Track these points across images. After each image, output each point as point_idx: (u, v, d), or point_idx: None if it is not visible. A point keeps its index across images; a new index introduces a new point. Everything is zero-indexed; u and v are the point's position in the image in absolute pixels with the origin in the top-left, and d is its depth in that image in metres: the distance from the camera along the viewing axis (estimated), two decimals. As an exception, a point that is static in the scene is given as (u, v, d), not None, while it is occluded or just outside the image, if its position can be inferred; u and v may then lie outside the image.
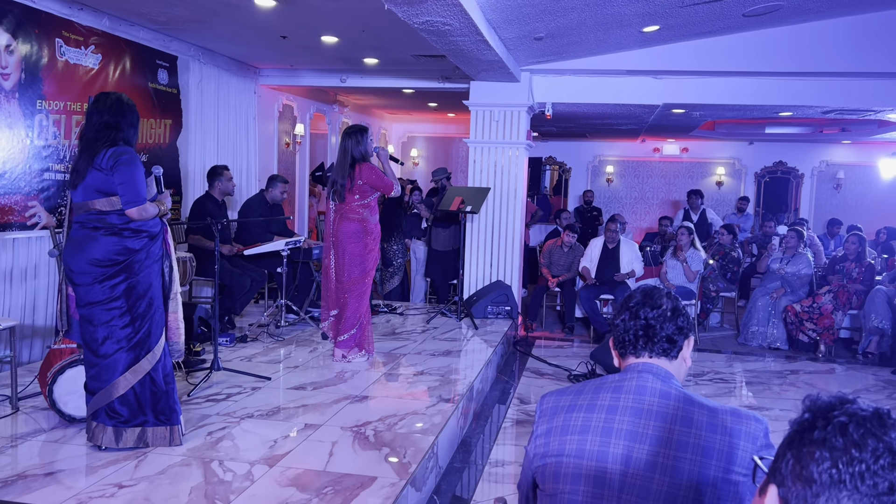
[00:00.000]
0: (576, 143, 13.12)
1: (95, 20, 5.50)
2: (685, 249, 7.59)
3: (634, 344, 1.67)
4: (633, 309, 1.69)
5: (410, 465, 3.29)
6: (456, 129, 12.80)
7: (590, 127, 10.78)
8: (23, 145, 4.92)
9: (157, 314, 3.26)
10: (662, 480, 1.51)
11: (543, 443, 1.66)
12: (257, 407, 4.07)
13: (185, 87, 6.72)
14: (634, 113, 8.45)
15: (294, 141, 9.41)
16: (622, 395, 1.62)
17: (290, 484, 3.04)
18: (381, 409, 4.12)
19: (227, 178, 6.13)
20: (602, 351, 5.81)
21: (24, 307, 4.97)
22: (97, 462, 3.19)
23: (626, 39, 6.50)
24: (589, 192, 12.00)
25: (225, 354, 5.07)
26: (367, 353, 5.16)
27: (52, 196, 5.19)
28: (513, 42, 6.11)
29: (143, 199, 3.16)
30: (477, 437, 4.54)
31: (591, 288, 7.53)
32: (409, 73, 7.97)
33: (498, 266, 7.62)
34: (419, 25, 4.92)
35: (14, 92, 4.83)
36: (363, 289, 5.05)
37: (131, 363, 3.20)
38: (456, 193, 7.08)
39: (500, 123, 7.45)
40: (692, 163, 12.98)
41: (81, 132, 3.23)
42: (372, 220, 5.04)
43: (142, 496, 2.86)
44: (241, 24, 5.82)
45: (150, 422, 3.29)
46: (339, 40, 6.38)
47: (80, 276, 3.13)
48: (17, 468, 3.12)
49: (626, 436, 1.56)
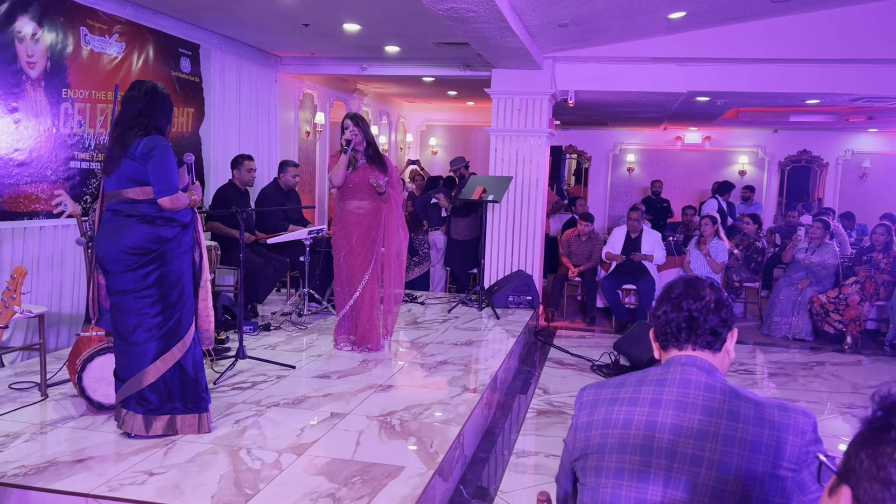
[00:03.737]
0: (596, 132, 13.01)
1: (119, 8, 5.50)
2: (709, 240, 7.50)
3: (677, 336, 1.64)
4: (675, 300, 1.65)
5: (438, 455, 3.28)
6: (475, 117, 12.73)
7: (611, 115, 10.68)
8: (49, 134, 4.95)
9: (188, 303, 3.27)
10: (709, 475, 1.48)
11: (584, 436, 1.63)
12: (283, 395, 4.07)
13: (207, 76, 6.72)
14: (658, 101, 8.35)
15: (314, 130, 9.40)
16: (665, 389, 1.58)
17: (319, 473, 3.04)
18: (406, 399, 4.11)
19: (247, 169, 6.14)
20: (626, 341, 5.76)
21: (51, 294, 5.02)
22: (127, 449, 3.20)
23: (651, 26, 6.42)
24: (658, 183, 11.48)
25: (248, 342, 5.08)
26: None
27: (78, 184, 5.22)
28: (536, 29, 6.05)
29: (176, 188, 3.17)
30: (500, 426, 4.53)
31: (613, 277, 7.47)
32: (431, 60, 7.93)
33: (519, 255, 7.58)
34: (443, 12, 4.88)
35: (40, 80, 4.85)
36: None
37: (161, 351, 3.21)
38: (478, 182, 7.04)
39: (522, 111, 7.39)
40: (715, 151, 12.84)
41: (116, 120, 3.24)
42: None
43: (172, 483, 2.87)
44: (264, 11, 5.80)
45: (179, 409, 3.30)
46: (361, 28, 6.35)
47: (112, 263, 3.14)
48: (47, 455, 3.15)
49: (671, 430, 1.53)
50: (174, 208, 3.18)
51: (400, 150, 12.42)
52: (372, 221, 5.02)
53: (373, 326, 5.09)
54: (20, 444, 3.26)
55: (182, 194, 3.20)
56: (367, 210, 5.01)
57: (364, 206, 5.02)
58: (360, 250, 5.02)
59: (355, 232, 5.02)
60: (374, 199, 5.01)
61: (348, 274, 5.07)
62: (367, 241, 5.02)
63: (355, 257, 5.03)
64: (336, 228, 5.12)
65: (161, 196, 3.13)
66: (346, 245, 5.05)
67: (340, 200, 5.07)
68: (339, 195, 5.08)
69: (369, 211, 5.02)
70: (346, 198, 5.04)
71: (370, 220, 5.02)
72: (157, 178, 3.12)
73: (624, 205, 13.00)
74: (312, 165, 9.47)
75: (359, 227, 5.01)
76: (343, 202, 5.05)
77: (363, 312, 5.07)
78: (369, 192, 5.00)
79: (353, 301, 5.07)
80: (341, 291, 5.14)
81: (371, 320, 5.09)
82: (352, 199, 5.03)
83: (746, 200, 11.46)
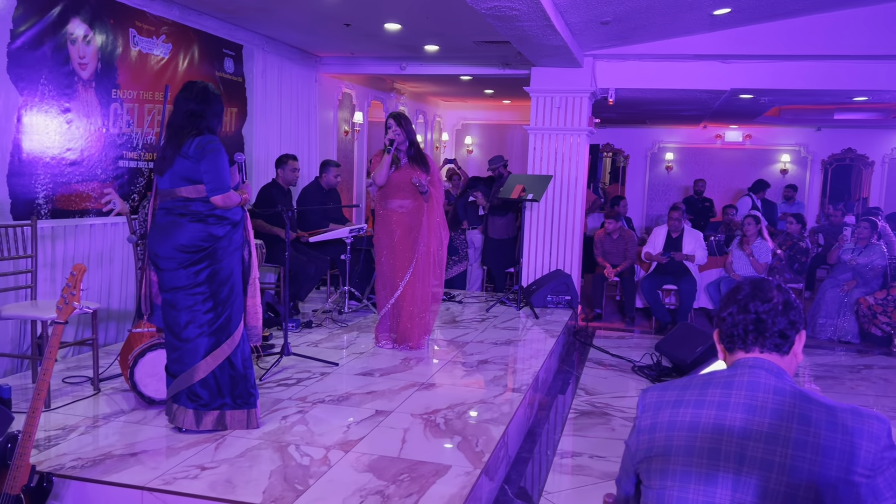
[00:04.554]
0: (635, 130, 12.88)
1: (166, 10, 5.60)
2: (752, 240, 7.38)
3: (744, 338, 1.61)
4: (741, 302, 1.63)
5: (484, 454, 3.28)
6: (511, 115, 12.69)
7: (651, 113, 10.56)
8: (99, 133, 5.05)
9: (238, 300, 3.32)
10: (780, 480, 1.45)
11: (648, 438, 1.62)
12: (327, 392, 4.11)
13: (249, 76, 6.80)
14: (700, 99, 8.24)
15: (352, 129, 9.47)
16: (733, 391, 1.56)
17: (367, 470, 3.06)
18: (449, 397, 4.12)
19: (291, 169, 6.21)
20: (668, 342, 5.70)
21: (101, 291, 5.12)
22: (178, 443, 3.26)
23: (694, 23, 6.33)
24: (700, 182, 11.22)
25: (292, 339, 5.12)
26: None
27: (126, 183, 5.32)
28: (578, 26, 6.01)
29: (228, 186, 3.22)
30: (542, 427, 4.51)
31: (654, 277, 7.39)
32: (469, 59, 7.93)
33: (557, 255, 7.54)
34: (486, 11, 4.87)
35: (91, 81, 4.95)
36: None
37: (212, 347, 3.26)
38: (517, 181, 7.02)
39: (562, 110, 7.35)
40: (756, 150, 12.62)
41: (168, 120, 3.30)
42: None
43: (224, 478, 2.92)
44: (306, 11, 5.86)
45: (228, 405, 3.35)
46: (402, 27, 6.37)
47: (165, 261, 3.21)
48: (102, 447, 3.22)
49: (739, 434, 1.51)
50: (226, 206, 3.23)
51: (436, 149, 12.44)
52: (413, 220, 5.04)
53: (414, 325, 5.11)
54: (76, 436, 3.34)
55: (233, 193, 3.25)
56: (408, 209, 5.03)
57: (406, 206, 5.03)
58: (401, 249, 5.03)
59: (397, 231, 5.03)
60: (416, 198, 5.02)
61: (390, 273, 5.09)
62: (408, 241, 5.03)
63: (397, 256, 5.05)
64: (378, 228, 5.15)
65: (214, 194, 3.18)
66: (388, 244, 5.07)
67: (382, 200, 5.09)
68: (381, 195, 5.10)
69: (411, 210, 5.03)
70: (388, 197, 5.06)
71: (412, 219, 5.03)
72: (210, 177, 3.17)
73: (662, 204, 12.85)
74: (351, 164, 9.53)
75: (400, 226, 5.03)
76: (385, 201, 5.08)
77: (404, 311, 5.09)
78: (411, 191, 5.01)
79: (394, 300, 5.09)
80: (383, 290, 5.16)
81: (412, 319, 5.10)
82: (394, 198, 5.05)
83: (788, 200, 11.25)
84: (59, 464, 3.01)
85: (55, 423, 3.50)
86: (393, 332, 5.19)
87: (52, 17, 4.59)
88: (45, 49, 4.56)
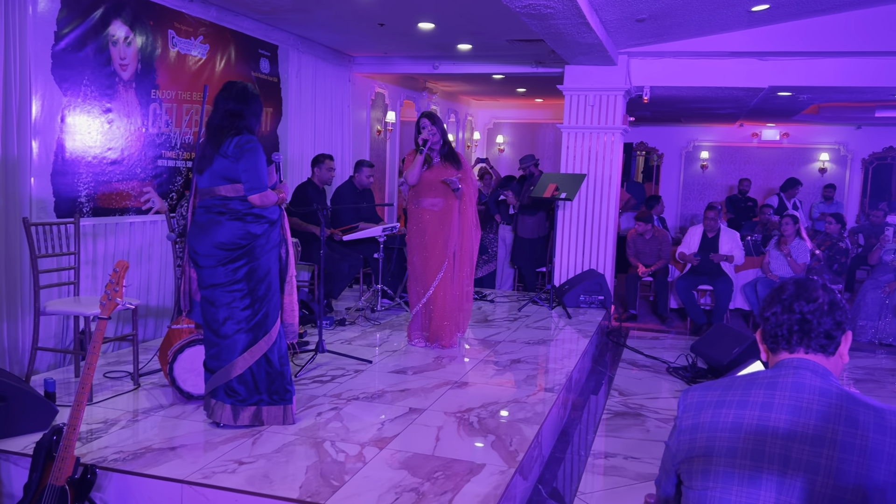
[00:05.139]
0: (669, 129, 12.73)
1: (204, 11, 5.68)
2: (790, 240, 7.25)
3: (788, 339, 1.59)
4: (785, 302, 1.60)
5: (518, 454, 3.28)
6: (543, 114, 12.64)
7: (686, 111, 10.43)
8: (139, 133, 5.15)
9: (275, 297, 3.36)
10: (826, 483, 1.43)
11: (689, 439, 1.60)
12: (361, 389, 4.14)
13: (284, 76, 6.87)
14: (736, 96, 8.12)
15: (385, 128, 9.51)
16: (777, 392, 1.54)
17: (402, 467, 3.08)
18: (482, 396, 4.12)
19: (327, 168, 6.27)
20: (704, 343, 5.63)
21: (140, 287, 5.22)
22: (216, 438, 3.31)
23: (732, 19, 6.24)
24: (745, 181, 11.04)
25: (325, 337, 5.17)
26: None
27: (165, 182, 5.42)
28: (613, 24, 5.96)
29: (265, 186, 3.26)
30: (575, 427, 4.49)
31: (689, 278, 7.31)
32: (502, 58, 7.91)
33: (590, 254, 7.49)
34: (521, 9, 4.86)
35: (131, 82, 5.05)
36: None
37: (249, 344, 3.30)
38: (550, 180, 6.98)
39: (596, 108, 7.29)
40: (793, 149, 12.39)
41: (208, 120, 3.35)
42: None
43: (261, 473, 2.95)
44: (341, 12, 5.90)
45: (265, 401, 3.39)
46: (435, 26, 6.39)
47: (204, 258, 3.26)
48: (142, 441, 3.28)
49: (784, 435, 1.49)
50: (263, 205, 3.28)
51: (467, 148, 12.44)
52: (445, 219, 5.04)
53: (446, 324, 5.12)
54: (117, 430, 3.41)
55: (271, 192, 3.29)
56: (441, 208, 5.04)
57: (438, 204, 5.04)
58: (433, 248, 5.05)
59: (429, 230, 5.05)
60: (448, 197, 5.03)
61: (422, 272, 5.11)
62: (440, 239, 5.04)
63: (429, 255, 5.06)
64: (410, 226, 5.17)
65: (251, 193, 3.23)
66: (420, 243, 5.09)
67: (414, 199, 5.11)
68: (413, 194, 5.12)
69: (443, 209, 5.04)
70: (421, 196, 5.08)
71: (444, 217, 5.04)
72: (248, 177, 3.22)
73: (697, 203, 12.69)
74: (383, 164, 9.58)
75: (432, 224, 5.04)
76: (417, 200, 5.09)
77: (436, 309, 5.10)
78: (443, 190, 5.02)
79: (426, 299, 5.11)
80: (415, 289, 5.18)
81: (444, 317, 5.11)
82: (426, 197, 5.06)
83: (827, 199, 11.03)
84: (101, 456, 3.07)
85: (97, 416, 3.57)
86: (425, 331, 5.20)
87: (94, 19, 4.69)
88: (87, 50, 4.66)
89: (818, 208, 10.75)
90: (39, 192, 4.42)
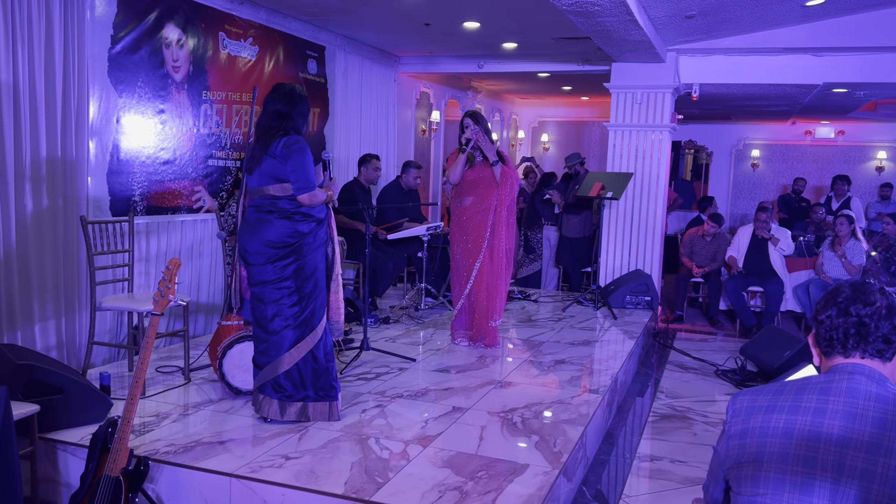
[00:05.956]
0: (718, 126, 12.48)
1: (253, 13, 5.79)
2: (845, 241, 7.04)
3: (844, 343, 1.55)
4: (841, 304, 1.56)
5: (562, 455, 3.26)
6: (590, 112, 12.52)
7: (736, 109, 10.21)
8: (190, 134, 5.27)
9: (321, 295, 3.42)
10: (882, 491, 1.39)
11: (738, 444, 1.57)
12: (405, 387, 4.16)
13: (331, 77, 6.95)
14: (789, 94, 7.91)
15: (429, 128, 9.54)
16: (831, 398, 1.50)
17: (445, 465, 3.09)
18: (526, 396, 4.10)
19: (373, 168, 6.33)
20: (754, 346, 5.51)
21: (190, 285, 5.35)
22: (264, 433, 3.37)
23: (785, 15, 6.08)
24: (800, 181, 10.72)
25: (370, 335, 5.21)
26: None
27: (215, 181, 5.53)
28: (661, 21, 5.87)
29: (314, 185, 3.32)
30: (621, 429, 4.44)
31: (739, 279, 7.15)
32: (547, 56, 7.87)
33: (637, 254, 7.39)
34: (567, 7, 4.82)
35: (184, 84, 5.17)
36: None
37: (297, 340, 3.36)
38: (595, 179, 6.92)
39: (643, 106, 7.20)
40: (849, 147, 12.02)
41: (258, 120, 3.42)
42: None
43: (307, 468, 3.00)
44: (387, 12, 5.94)
45: (311, 397, 3.44)
46: (481, 25, 6.38)
47: (254, 256, 3.33)
48: (192, 435, 3.36)
49: (838, 442, 1.45)
50: (312, 204, 3.33)
51: (511, 147, 12.40)
52: (486, 217, 5.06)
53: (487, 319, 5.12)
54: (168, 423, 3.50)
55: (319, 191, 3.34)
56: (482, 206, 5.05)
57: (480, 203, 5.06)
58: (475, 245, 5.07)
59: (471, 227, 5.07)
60: (490, 195, 5.04)
61: (464, 266, 5.14)
62: (481, 236, 5.05)
63: (470, 251, 5.09)
64: (453, 224, 5.20)
65: (300, 193, 3.29)
66: (462, 240, 5.12)
67: (457, 197, 5.16)
68: (456, 192, 5.16)
69: (485, 207, 5.05)
70: (463, 195, 5.11)
71: (485, 215, 5.06)
72: (297, 176, 3.27)
73: (747, 203, 12.41)
74: (427, 163, 9.61)
75: (473, 221, 5.07)
76: (460, 199, 5.13)
77: (479, 307, 5.11)
78: (485, 188, 5.04)
79: (468, 289, 5.12)
80: (457, 284, 5.21)
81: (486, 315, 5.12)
82: (468, 195, 5.09)
83: (884, 199, 10.66)
84: (153, 449, 3.16)
85: (149, 410, 3.67)
86: (468, 330, 5.21)
87: (148, 22, 4.82)
88: (141, 53, 4.78)
89: (874, 208, 10.39)
90: (96, 191, 4.56)
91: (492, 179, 5.02)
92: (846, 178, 9.81)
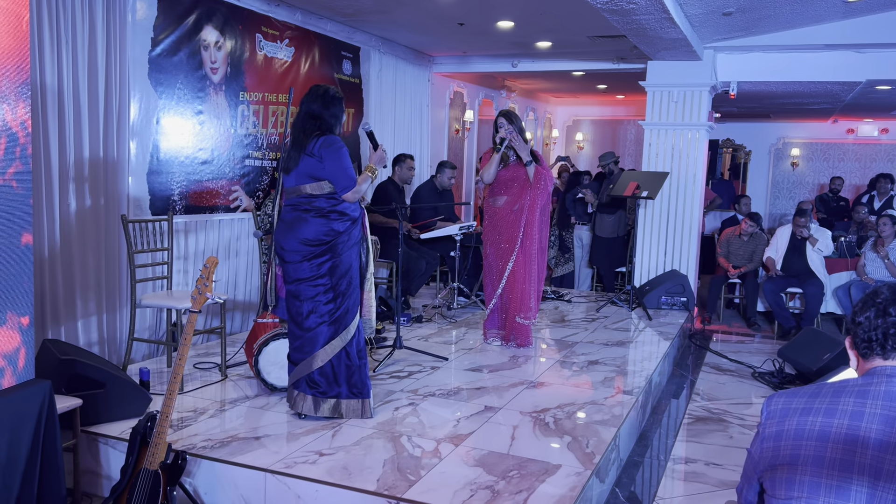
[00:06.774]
0: (757, 125, 12.26)
1: (289, 15, 5.86)
2: (888, 242, 6.87)
3: (883, 345, 1.52)
4: (880, 305, 1.53)
5: (594, 456, 3.24)
6: (625, 111, 12.40)
7: (775, 107, 10.02)
8: (228, 134, 5.36)
9: (355, 293, 3.46)
10: (921, 498, 1.36)
11: (773, 446, 1.56)
12: (437, 386, 4.18)
13: (366, 77, 7.01)
14: (831, 91, 7.75)
15: (463, 127, 9.55)
16: (868, 401, 1.47)
17: (477, 464, 3.10)
18: (559, 397, 4.09)
19: (408, 167, 6.37)
20: (792, 348, 5.41)
21: (227, 283, 5.44)
22: (298, 430, 3.42)
23: (826, 11, 5.96)
24: (837, 180, 10.48)
25: (403, 333, 5.25)
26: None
27: (252, 181, 5.62)
28: (698, 18, 5.79)
29: (354, 181, 3.40)
30: (655, 431, 4.40)
31: (777, 280, 7.03)
32: (582, 54, 7.81)
33: (672, 255, 7.31)
34: (602, 5, 4.79)
35: (221, 85, 5.26)
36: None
37: (331, 337, 3.41)
38: (630, 178, 6.85)
39: (679, 104, 7.11)
40: (893, 145, 11.72)
41: (294, 121, 3.49)
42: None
43: (341, 465, 3.03)
44: (421, 12, 5.96)
45: (343, 394, 3.49)
46: (515, 25, 6.37)
47: (290, 254, 3.39)
48: (228, 430, 3.42)
49: (875, 446, 1.42)
50: (355, 199, 3.42)
51: (545, 146, 12.34)
52: (519, 217, 5.05)
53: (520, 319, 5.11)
54: (205, 419, 3.57)
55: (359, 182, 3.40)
56: (516, 206, 5.05)
57: (513, 202, 5.06)
58: (507, 245, 5.07)
59: (504, 227, 5.07)
60: (523, 195, 5.04)
61: (496, 264, 5.14)
62: (514, 235, 5.05)
63: (503, 252, 5.09)
64: (486, 223, 5.21)
65: (344, 192, 3.38)
66: (495, 239, 5.12)
67: (490, 196, 5.16)
68: (490, 192, 5.17)
69: (518, 207, 5.05)
70: (496, 194, 5.12)
71: (518, 215, 5.05)
72: (337, 176, 3.35)
73: (786, 202, 12.19)
74: (461, 162, 9.62)
75: (506, 221, 5.07)
76: (493, 198, 5.14)
77: (511, 306, 5.10)
78: (519, 188, 5.04)
79: (500, 289, 5.12)
80: (490, 283, 5.22)
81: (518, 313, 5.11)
82: (501, 195, 5.10)
83: (929, 198, 10.37)
84: (190, 443, 3.22)
85: (187, 405, 3.75)
86: (501, 329, 5.21)
87: (187, 25, 4.91)
88: (181, 55, 4.88)
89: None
90: (136, 190, 4.67)
91: (525, 179, 5.01)
92: (889, 177, 9.55)
